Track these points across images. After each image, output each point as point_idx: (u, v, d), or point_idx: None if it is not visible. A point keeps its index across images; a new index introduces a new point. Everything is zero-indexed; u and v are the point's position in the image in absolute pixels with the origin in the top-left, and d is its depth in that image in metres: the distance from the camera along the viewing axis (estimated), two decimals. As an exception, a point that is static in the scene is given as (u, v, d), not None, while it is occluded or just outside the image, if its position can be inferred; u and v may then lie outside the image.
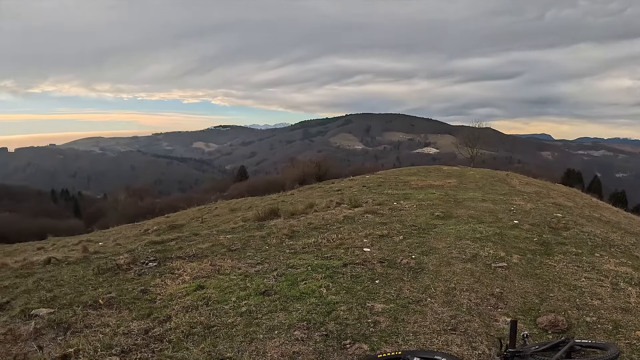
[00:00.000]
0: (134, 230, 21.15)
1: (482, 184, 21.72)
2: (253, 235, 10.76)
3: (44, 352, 5.25)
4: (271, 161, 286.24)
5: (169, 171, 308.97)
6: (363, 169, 49.27)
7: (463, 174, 28.09)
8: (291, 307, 6.09)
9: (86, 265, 9.58)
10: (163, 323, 5.83)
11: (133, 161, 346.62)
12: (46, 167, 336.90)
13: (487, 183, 22.15)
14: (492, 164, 61.28)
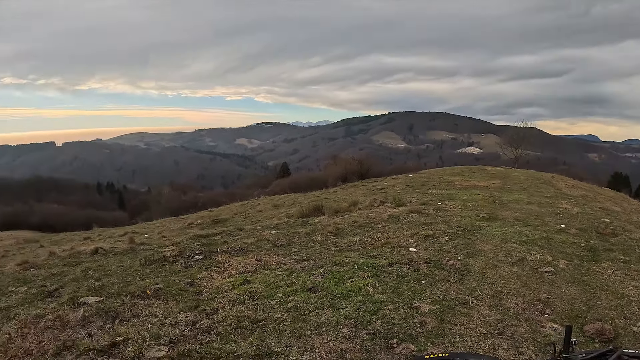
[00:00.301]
0: (178, 223, 21.42)
1: (527, 185, 21.39)
2: (298, 232, 10.78)
3: (93, 339, 5.36)
4: (313, 158, 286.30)
5: (212, 167, 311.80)
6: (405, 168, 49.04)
7: (507, 175, 27.72)
8: (338, 304, 6.08)
9: (133, 256, 9.75)
10: (210, 315, 5.88)
11: (177, 156, 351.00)
12: (92, 161, 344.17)
13: (532, 185, 21.81)
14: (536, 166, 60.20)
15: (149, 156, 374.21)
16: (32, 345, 5.46)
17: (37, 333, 5.84)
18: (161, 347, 4.99)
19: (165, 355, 4.80)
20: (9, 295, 7.79)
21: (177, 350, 4.90)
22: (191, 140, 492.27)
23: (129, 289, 7.21)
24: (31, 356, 5.18)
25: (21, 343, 5.52)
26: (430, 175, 28.11)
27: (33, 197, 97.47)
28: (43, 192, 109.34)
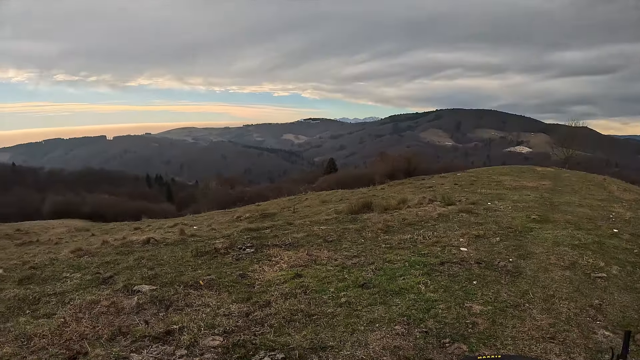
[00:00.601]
0: (226, 216, 21.65)
1: (578, 187, 21.04)
2: (347, 228, 10.80)
3: (148, 326, 5.47)
4: (360, 155, 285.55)
5: (259, 161, 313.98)
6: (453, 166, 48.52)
7: (558, 175, 27.30)
8: (390, 301, 6.06)
9: (184, 247, 9.93)
10: (263, 308, 5.94)
11: (224, 151, 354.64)
12: (142, 154, 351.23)
13: (584, 187, 21.44)
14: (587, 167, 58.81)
15: (197, 150, 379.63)
16: (86, 329, 5.60)
17: (91, 318, 6.00)
18: (216, 337, 5.06)
19: (220, 345, 4.87)
20: (64, 281, 8.04)
21: (231, 340, 4.96)
22: (239, 135, 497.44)
23: (181, 279, 7.36)
24: (86, 340, 5.31)
25: (76, 327, 5.67)
26: (479, 174, 27.87)
27: (84, 188, 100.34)
28: (94, 184, 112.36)
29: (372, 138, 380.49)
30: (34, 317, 6.36)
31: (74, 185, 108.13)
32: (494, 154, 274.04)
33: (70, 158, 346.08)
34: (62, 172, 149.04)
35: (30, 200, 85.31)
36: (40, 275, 8.69)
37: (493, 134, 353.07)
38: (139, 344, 5.05)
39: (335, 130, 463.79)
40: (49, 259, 10.15)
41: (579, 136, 62.20)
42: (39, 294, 7.36)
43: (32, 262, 9.99)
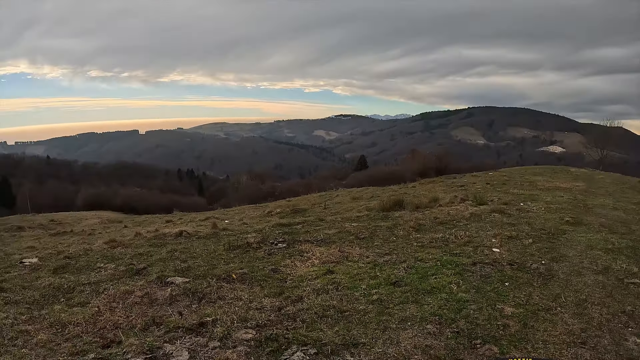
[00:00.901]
0: (257, 211, 21.76)
1: (612, 189, 20.70)
2: (379, 226, 10.77)
3: (182, 318, 5.55)
4: (391, 152, 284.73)
5: (290, 157, 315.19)
6: (484, 165, 48.02)
7: (592, 177, 26.91)
8: (422, 300, 6.03)
9: (216, 240, 10.03)
10: (295, 303, 5.96)
11: (255, 146, 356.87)
12: (174, 149, 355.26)
13: (618, 189, 21.10)
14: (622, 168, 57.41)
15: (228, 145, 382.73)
16: (120, 319, 5.70)
17: (125, 308, 6.11)
18: (248, 330, 5.10)
19: (253, 338, 4.91)
20: (98, 271, 8.20)
21: (264, 333, 5.00)
22: (270, 130, 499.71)
23: (214, 272, 7.44)
24: (119, 329, 5.41)
25: (110, 316, 5.78)
26: (511, 173, 27.61)
27: (117, 181, 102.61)
28: (126, 177, 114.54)
29: (403, 135, 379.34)
30: (68, 306, 6.50)
31: (107, 178, 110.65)
32: (526, 154, 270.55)
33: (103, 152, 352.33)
34: (95, 166, 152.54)
35: (64, 192, 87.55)
36: (74, 264, 8.88)
37: (526, 133, 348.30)
38: (172, 335, 5.13)
39: (367, 127, 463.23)
40: (83, 249, 10.35)
41: (614, 136, 61.11)
42: (73, 283, 7.52)
43: (66, 252, 10.21)
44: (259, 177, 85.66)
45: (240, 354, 4.61)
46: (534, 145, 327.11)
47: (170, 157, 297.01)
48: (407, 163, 50.28)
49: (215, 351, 4.71)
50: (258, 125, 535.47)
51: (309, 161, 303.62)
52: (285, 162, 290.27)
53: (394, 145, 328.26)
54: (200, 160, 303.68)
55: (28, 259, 9.90)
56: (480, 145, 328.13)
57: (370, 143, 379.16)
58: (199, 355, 4.66)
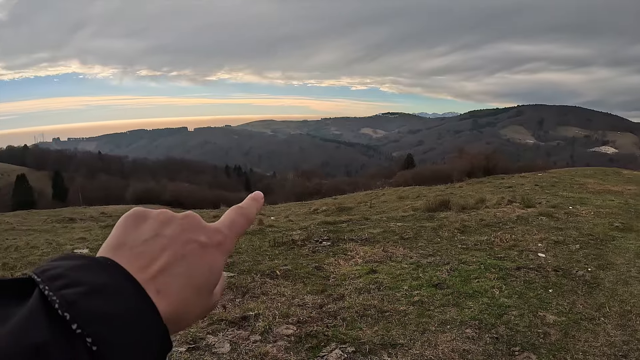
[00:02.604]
0: (303, 208, 21.83)
1: (667, 194, 20.13)
2: (424, 226, 10.69)
3: (226, 311, 5.64)
4: (438, 151, 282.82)
5: (336, 155, 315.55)
6: (534, 166, 46.91)
7: (645, 180, 26.19)
8: (463, 304, 5.99)
9: (262, 236, 10.11)
10: (337, 301, 6.00)
11: (302, 143, 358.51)
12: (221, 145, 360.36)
13: (673, 194, 20.51)
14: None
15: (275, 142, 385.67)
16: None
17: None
18: (289, 326, 5.16)
19: (293, 334, 4.97)
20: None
21: (304, 330, 5.05)
22: (317, 128, 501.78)
23: (258, 268, 7.51)
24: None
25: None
26: (561, 175, 27.08)
27: (166, 176, 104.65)
28: (175, 172, 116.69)
29: (451, 134, 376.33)
30: None
31: (156, 173, 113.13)
32: (577, 154, 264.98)
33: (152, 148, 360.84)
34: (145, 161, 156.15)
35: (115, 186, 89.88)
36: (123, 257, 9.08)
37: (577, 133, 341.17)
38: (215, 327, 5.22)
39: (414, 125, 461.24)
40: (133, 241, 10.55)
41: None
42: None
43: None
44: (306, 174, 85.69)
45: (280, 349, 4.68)
46: (585, 145, 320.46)
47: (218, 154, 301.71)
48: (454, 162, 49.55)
49: (256, 345, 4.79)
50: (305, 123, 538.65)
51: (355, 159, 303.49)
52: (332, 160, 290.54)
53: (442, 144, 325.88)
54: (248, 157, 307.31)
55: (79, 249, 10.21)
56: (530, 145, 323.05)
57: (417, 141, 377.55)
58: (239, 348, 4.74)
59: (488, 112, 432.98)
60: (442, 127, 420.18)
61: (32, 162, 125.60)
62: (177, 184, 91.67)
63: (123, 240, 0.63)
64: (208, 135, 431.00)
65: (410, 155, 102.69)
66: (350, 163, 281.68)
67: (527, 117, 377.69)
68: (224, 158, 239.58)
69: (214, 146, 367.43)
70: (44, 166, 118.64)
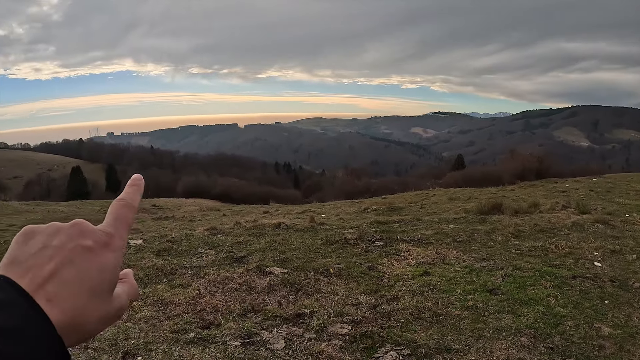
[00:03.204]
0: (353, 207, 21.79)
1: None
2: (477, 229, 10.53)
3: (281, 307, 5.70)
4: (489, 152, 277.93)
5: (386, 154, 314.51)
6: (588, 170, 45.65)
7: None
8: (518, 311, 5.89)
9: (314, 234, 10.16)
10: (390, 302, 5.99)
11: (352, 142, 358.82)
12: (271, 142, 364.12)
13: None
14: None
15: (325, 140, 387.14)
16: (219, 303, 5.95)
17: (224, 293, 6.38)
18: (344, 325, 5.19)
19: (348, 333, 4.99)
20: (200, 256, 8.57)
21: (359, 330, 5.06)
22: (366, 126, 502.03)
23: (312, 265, 7.58)
24: (218, 312, 5.65)
25: (209, 300, 6.05)
26: (617, 180, 26.37)
27: (216, 171, 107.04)
28: (225, 168, 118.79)
29: (503, 134, 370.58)
30: (170, 286, 6.88)
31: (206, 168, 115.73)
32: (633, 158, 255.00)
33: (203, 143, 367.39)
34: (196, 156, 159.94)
35: (166, 180, 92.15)
36: (177, 248, 9.31)
37: (633, 136, 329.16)
38: (270, 323, 5.29)
39: (464, 125, 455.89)
40: (185, 234, 10.78)
41: None
42: (175, 266, 7.90)
43: (169, 235, 10.68)
44: (355, 172, 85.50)
45: (334, 347, 4.70)
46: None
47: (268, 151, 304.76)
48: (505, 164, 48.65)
49: (311, 342, 4.83)
50: (355, 121, 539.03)
51: (405, 158, 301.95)
52: (381, 159, 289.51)
53: (493, 145, 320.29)
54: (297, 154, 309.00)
55: (133, 240, 10.42)
56: (584, 148, 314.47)
57: (468, 142, 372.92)
58: (294, 345, 4.80)
59: (541, 113, 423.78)
60: (493, 127, 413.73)
61: (87, 155, 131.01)
62: (227, 179, 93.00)
63: (14, 256, 0.65)
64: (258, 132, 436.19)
65: (460, 156, 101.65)
66: (400, 162, 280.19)
67: (582, 119, 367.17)
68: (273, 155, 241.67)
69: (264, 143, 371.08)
70: (98, 159, 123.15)
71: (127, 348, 4.81)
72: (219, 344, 4.87)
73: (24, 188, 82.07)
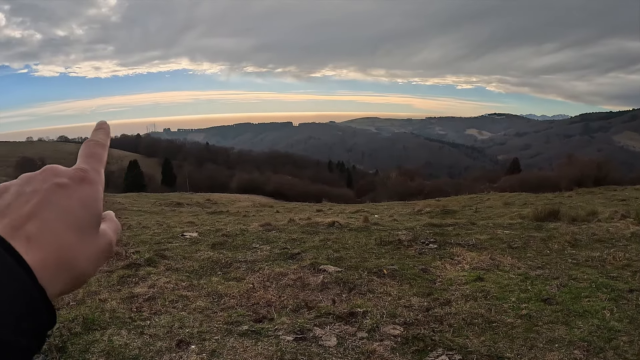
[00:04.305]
0: (406, 208, 21.73)
1: None
2: (532, 236, 10.31)
3: (335, 306, 5.74)
4: (546, 156, 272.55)
5: (440, 155, 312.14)
6: (649, 177, 44.36)
7: None
8: (573, 322, 5.75)
9: (367, 234, 10.17)
10: (443, 305, 5.94)
11: (406, 142, 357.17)
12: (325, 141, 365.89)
13: None
14: None
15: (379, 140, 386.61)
16: (273, 297, 6.05)
17: (278, 288, 6.48)
18: (396, 326, 5.19)
19: (400, 334, 4.99)
20: (254, 251, 8.75)
21: (411, 332, 5.05)
22: (421, 127, 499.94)
23: (365, 265, 7.60)
24: (271, 307, 5.75)
25: (263, 294, 6.16)
26: (680, 190, 25.63)
27: (270, 169, 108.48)
28: (278, 165, 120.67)
29: (560, 138, 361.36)
30: (225, 279, 7.07)
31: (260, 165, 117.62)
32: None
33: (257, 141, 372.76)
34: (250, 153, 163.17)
35: (220, 176, 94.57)
36: (231, 242, 9.51)
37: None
38: (323, 320, 5.34)
39: (521, 128, 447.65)
40: (240, 229, 10.98)
41: None
42: (230, 259, 8.09)
43: (224, 230, 10.91)
44: (408, 173, 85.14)
45: (386, 348, 4.72)
46: None
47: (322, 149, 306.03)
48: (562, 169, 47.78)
49: (363, 341, 4.86)
50: (409, 122, 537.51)
51: (459, 161, 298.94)
52: (435, 160, 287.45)
53: (549, 149, 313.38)
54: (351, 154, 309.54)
55: (189, 232, 10.69)
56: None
57: (524, 145, 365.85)
58: (346, 343, 4.83)
59: (600, 116, 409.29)
60: (550, 130, 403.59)
61: (144, 150, 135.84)
62: (280, 177, 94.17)
63: None
64: (312, 130, 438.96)
65: (516, 160, 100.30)
66: (454, 164, 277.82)
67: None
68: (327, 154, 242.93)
69: (318, 141, 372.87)
70: (154, 154, 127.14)
71: (181, 336, 4.95)
72: (271, 337, 4.95)
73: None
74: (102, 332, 5.03)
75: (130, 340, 4.80)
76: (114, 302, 5.91)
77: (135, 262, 7.78)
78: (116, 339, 4.84)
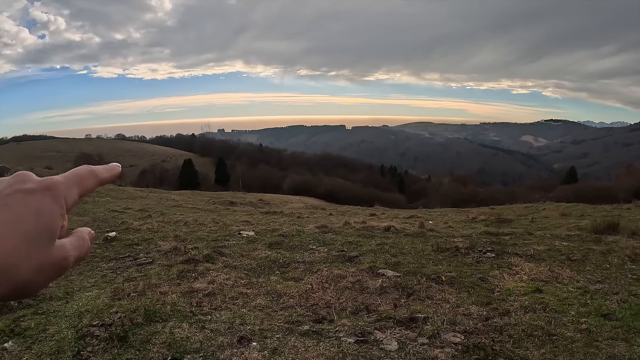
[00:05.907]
0: (460, 215, 21.57)
1: None
2: (591, 249, 10.08)
3: (396, 310, 5.79)
4: (604, 165, 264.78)
5: (494, 162, 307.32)
6: None
7: None
8: (632, 339, 5.59)
9: (424, 240, 10.16)
10: (502, 316, 5.93)
11: (459, 148, 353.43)
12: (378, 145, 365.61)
13: None
14: None
15: (432, 145, 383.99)
16: (332, 299, 6.15)
17: (336, 290, 6.58)
18: (456, 334, 5.21)
19: (461, 342, 5.01)
20: (312, 252, 8.88)
21: (471, 340, 5.06)
22: (475, 133, 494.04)
23: (423, 271, 7.62)
24: (330, 308, 5.86)
25: (322, 295, 6.27)
26: None
27: (322, 171, 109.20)
28: (331, 168, 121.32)
29: (619, 146, 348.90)
30: (283, 278, 7.24)
31: (312, 167, 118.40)
32: None
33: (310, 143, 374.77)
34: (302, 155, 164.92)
35: (273, 176, 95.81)
36: (288, 243, 9.67)
37: None
38: (383, 324, 5.40)
39: (578, 135, 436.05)
40: (296, 230, 11.13)
41: None
42: (288, 259, 8.25)
43: (280, 230, 11.09)
44: (462, 180, 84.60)
45: (447, 355, 4.75)
46: None
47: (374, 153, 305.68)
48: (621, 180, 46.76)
49: (424, 347, 4.90)
50: (463, 127, 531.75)
51: (513, 168, 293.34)
52: (489, 167, 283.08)
53: (607, 158, 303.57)
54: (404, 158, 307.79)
55: (245, 231, 10.89)
56: None
57: (581, 153, 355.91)
58: (407, 348, 4.88)
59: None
60: (609, 138, 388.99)
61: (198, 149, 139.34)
62: (333, 179, 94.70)
63: None
64: (365, 134, 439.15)
65: (573, 169, 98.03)
66: (508, 172, 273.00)
67: None
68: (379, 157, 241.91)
69: (370, 145, 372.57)
70: (208, 153, 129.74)
71: (243, 332, 5.08)
72: (332, 338, 5.04)
73: (138, 176, 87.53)
74: (163, 324, 5.22)
75: (192, 334, 4.97)
76: (174, 295, 6.14)
77: (194, 257, 8.04)
78: (177, 331, 5.00)
